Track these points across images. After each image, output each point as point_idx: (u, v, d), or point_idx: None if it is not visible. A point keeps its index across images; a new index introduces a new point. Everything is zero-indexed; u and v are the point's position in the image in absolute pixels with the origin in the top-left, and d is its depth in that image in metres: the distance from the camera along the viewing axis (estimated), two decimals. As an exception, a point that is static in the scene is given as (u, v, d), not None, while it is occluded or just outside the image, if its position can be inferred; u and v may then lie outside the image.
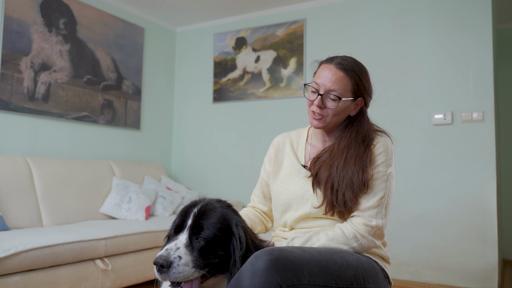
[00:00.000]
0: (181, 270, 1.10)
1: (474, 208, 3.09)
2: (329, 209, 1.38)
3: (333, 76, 1.41)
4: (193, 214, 1.20)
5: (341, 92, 1.41)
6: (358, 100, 1.46)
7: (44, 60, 3.34)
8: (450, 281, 3.13)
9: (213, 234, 1.16)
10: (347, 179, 1.36)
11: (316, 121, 1.46)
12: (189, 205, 1.24)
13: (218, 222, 1.18)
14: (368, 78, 1.49)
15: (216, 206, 1.22)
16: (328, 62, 1.46)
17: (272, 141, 1.67)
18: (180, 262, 1.10)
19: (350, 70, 1.43)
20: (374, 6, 3.60)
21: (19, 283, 2.16)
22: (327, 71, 1.43)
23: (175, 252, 1.12)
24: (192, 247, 1.14)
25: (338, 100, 1.41)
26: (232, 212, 1.24)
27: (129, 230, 2.80)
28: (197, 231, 1.17)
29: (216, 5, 4.01)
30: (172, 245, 1.14)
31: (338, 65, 1.43)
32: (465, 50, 3.21)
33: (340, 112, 1.44)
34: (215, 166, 4.29)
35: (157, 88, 4.42)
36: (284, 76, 3.97)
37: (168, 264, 1.09)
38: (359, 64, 1.47)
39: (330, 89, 1.41)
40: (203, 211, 1.20)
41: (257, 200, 1.68)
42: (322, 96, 1.42)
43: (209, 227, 1.17)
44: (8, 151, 3.10)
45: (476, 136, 3.13)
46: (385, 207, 1.39)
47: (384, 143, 1.44)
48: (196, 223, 1.17)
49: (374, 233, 1.37)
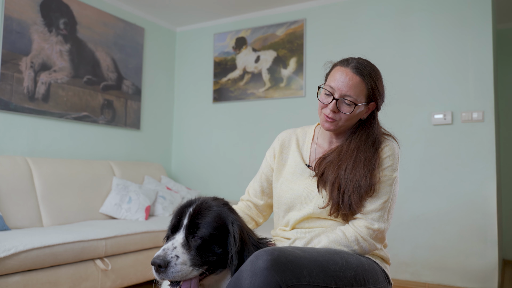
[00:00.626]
0: (179, 269, 1.11)
1: (474, 208, 3.09)
2: (334, 210, 1.38)
3: (350, 81, 1.37)
4: (188, 214, 1.20)
5: (356, 98, 1.38)
6: (371, 104, 1.45)
7: (44, 60, 3.34)
8: (450, 281, 3.13)
9: (209, 233, 1.17)
10: (355, 182, 1.36)
11: (328, 123, 1.43)
12: (185, 205, 1.25)
13: (214, 220, 1.19)
14: (382, 81, 1.46)
15: (212, 205, 1.23)
16: (344, 65, 1.41)
17: (278, 136, 1.64)
18: (178, 261, 1.11)
19: (367, 75, 1.39)
20: (374, 6, 3.60)
21: (19, 283, 2.16)
22: (343, 75, 1.39)
23: (172, 251, 1.13)
24: (189, 246, 1.15)
25: (353, 106, 1.38)
26: (228, 210, 1.25)
27: (129, 230, 2.80)
28: (193, 230, 1.17)
29: (216, 5, 4.01)
30: (169, 245, 1.15)
31: (355, 69, 1.39)
32: (465, 50, 3.21)
33: (353, 117, 1.42)
34: (215, 166, 4.29)
35: (157, 88, 4.42)
36: (284, 76, 3.97)
37: (165, 264, 1.10)
38: (375, 69, 1.43)
39: (346, 94, 1.38)
40: (198, 210, 1.21)
41: (252, 194, 1.65)
42: (338, 100, 1.39)
43: (205, 225, 1.17)
44: (8, 151, 3.10)
45: (476, 136, 3.13)
46: (388, 211, 1.39)
47: (391, 147, 1.43)
48: (191, 222, 1.18)
49: (376, 236, 1.37)
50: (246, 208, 1.64)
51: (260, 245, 1.25)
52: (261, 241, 1.30)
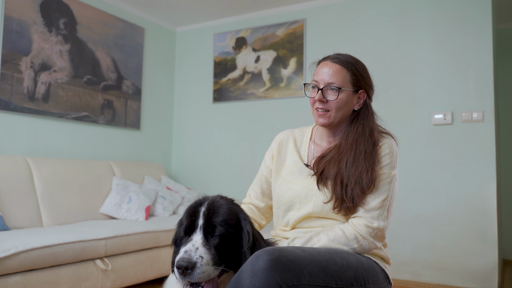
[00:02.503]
0: (204, 269, 1.11)
1: (474, 208, 3.09)
2: (338, 204, 1.38)
3: (330, 69, 1.45)
4: (202, 213, 1.20)
5: (340, 83, 1.43)
6: (360, 93, 1.47)
7: (44, 60, 3.34)
8: (450, 281, 3.13)
9: (226, 231, 1.18)
10: (357, 175, 1.36)
11: (321, 118, 1.46)
12: (195, 205, 1.24)
13: (229, 218, 1.20)
14: (366, 69, 1.50)
15: (223, 203, 1.24)
16: (324, 60, 1.50)
17: (275, 137, 1.65)
18: (203, 261, 1.11)
19: (346, 62, 1.46)
20: (374, 6, 3.60)
21: (19, 283, 2.16)
22: (324, 67, 1.47)
23: (196, 252, 1.12)
24: (209, 245, 1.16)
25: (338, 91, 1.42)
26: (238, 207, 1.27)
27: (129, 230, 2.80)
28: (211, 230, 1.18)
29: (216, 5, 4.01)
30: (190, 246, 1.14)
31: (333, 59, 1.47)
32: (465, 50, 3.21)
33: (343, 104, 1.44)
34: (215, 166, 4.29)
35: (157, 88, 4.42)
36: (284, 76, 3.97)
37: (192, 266, 1.09)
38: (355, 58, 1.50)
39: (329, 82, 1.44)
40: (212, 209, 1.21)
41: (254, 196, 1.65)
42: (322, 90, 1.44)
43: (222, 224, 1.18)
44: (8, 151, 3.10)
45: (476, 136, 3.13)
46: (387, 209, 1.40)
47: (390, 144, 1.44)
48: (208, 222, 1.19)
49: (375, 234, 1.37)
50: (249, 211, 1.64)
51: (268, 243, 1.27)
52: (267, 241, 1.31)
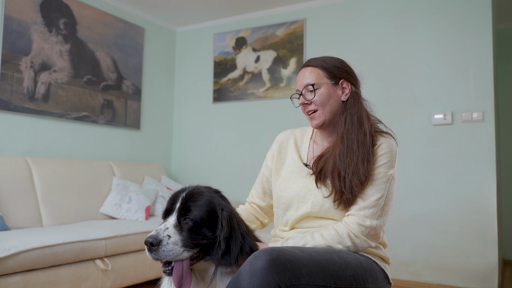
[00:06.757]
0: (170, 248, 1.16)
1: (474, 208, 3.09)
2: (338, 197, 1.38)
3: (304, 74, 1.51)
4: (181, 198, 1.26)
5: (314, 80, 1.48)
6: (341, 82, 1.48)
7: (44, 60, 3.34)
8: (450, 281, 3.13)
9: (200, 216, 1.22)
10: (353, 165, 1.36)
11: (313, 120, 1.49)
12: (178, 191, 1.30)
13: (205, 205, 1.24)
14: (339, 61, 1.52)
15: (204, 191, 1.29)
16: (299, 69, 1.56)
17: (276, 137, 1.67)
18: (170, 240, 1.16)
19: (315, 61, 1.51)
20: (374, 6, 3.60)
21: (19, 283, 2.16)
22: (299, 75, 1.53)
23: (164, 231, 1.18)
24: (181, 227, 1.20)
25: (313, 87, 1.46)
26: (220, 197, 1.30)
27: (129, 230, 2.80)
28: (185, 213, 1.22)
29: (216, 5, 4.01)
30: (162, 226, 1.21)
31: (305, 65, 1.53)
32: (465, 50, 3.21)
33: (326, 99, 1.46)
34: (215, 166, 4.29)
35: (157, 88, 4.42)
36: (284, 76, 3.97)
37: (157, 242, 1.15)
38: (327, 56, 1.54)
39: (305, 83, 1.49)
40: (190, 195, 1.26)
41: (256, 195, 1.68)
42: (302, 93, 1.49)
43: (196, 208, 1.23)
44: (8, 151, 3.10)
45: (476, 136, 3.13)
46: (381, 208, 1.37)
47: (388, 144, 1.43)
48: (184, 205, 1.24)
49: (368, 233, 1.35)
50: (252, 209, 1.68)
51: (248, 235, 1.28)
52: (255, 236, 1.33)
